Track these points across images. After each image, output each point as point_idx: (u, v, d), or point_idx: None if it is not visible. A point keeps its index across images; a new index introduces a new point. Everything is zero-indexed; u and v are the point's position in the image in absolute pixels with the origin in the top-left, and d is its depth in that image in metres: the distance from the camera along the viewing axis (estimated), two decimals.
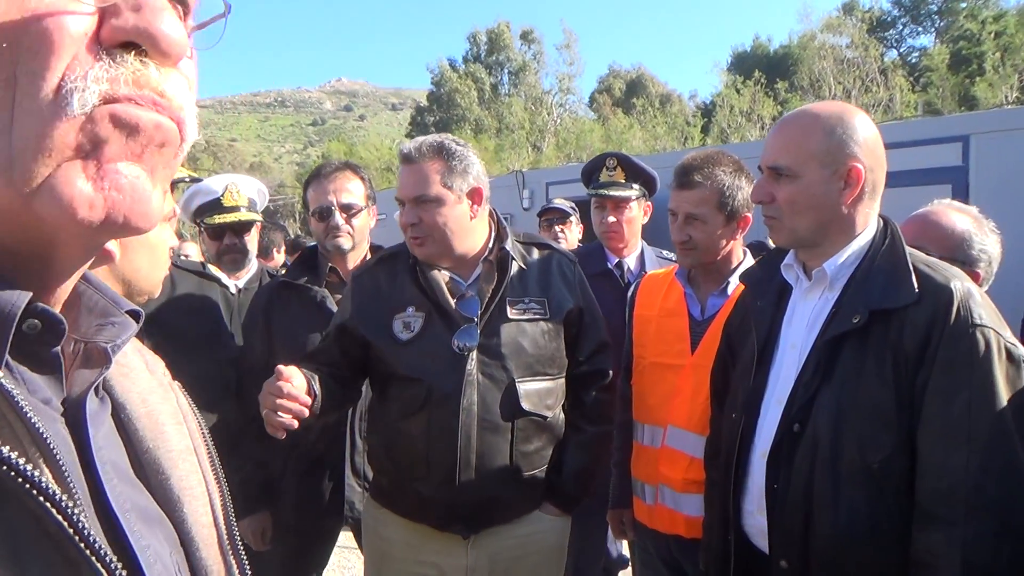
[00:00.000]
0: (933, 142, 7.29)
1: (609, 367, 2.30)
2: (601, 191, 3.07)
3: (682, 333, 2.34)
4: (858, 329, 1.57)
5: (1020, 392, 1.47)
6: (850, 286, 1.65)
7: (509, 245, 2.16)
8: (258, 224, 2.99)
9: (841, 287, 1.68)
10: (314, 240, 2.79)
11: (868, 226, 1.70)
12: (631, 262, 3.11)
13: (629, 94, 49.64)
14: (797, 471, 1.61)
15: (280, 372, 1.79)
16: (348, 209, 2.62)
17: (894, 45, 42.72)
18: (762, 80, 31.72)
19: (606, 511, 2.68)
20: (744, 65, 39.98)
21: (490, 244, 2.20)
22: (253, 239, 2.97)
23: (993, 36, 28.76)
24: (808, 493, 1.59)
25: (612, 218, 3.04)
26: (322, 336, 2.24)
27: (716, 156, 2.31)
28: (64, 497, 0.47)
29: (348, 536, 2.83)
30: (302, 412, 1.79)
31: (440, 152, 2.08)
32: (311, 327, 2.48)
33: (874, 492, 1.53)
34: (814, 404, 1.61)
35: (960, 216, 2.19)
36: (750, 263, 2.25)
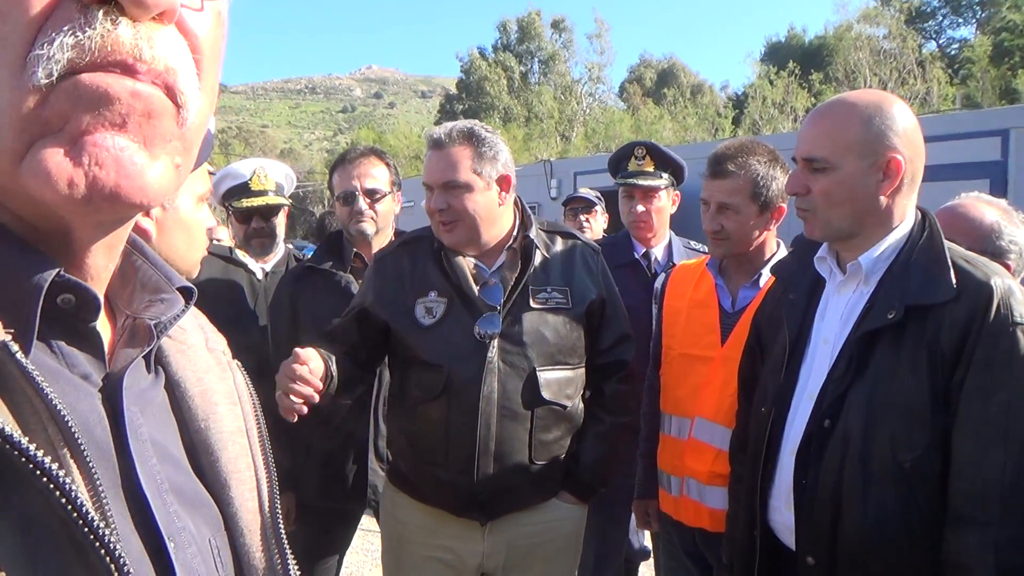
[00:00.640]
0: (971, 136, 7.14)
1: (629, 358, 2.28)
2: (629, 180, 3.03)
3: (712, 325, 2.31)
4: (893, 325, 1.54)
5: None
6: (886, 280, 1.62)
7: (533, 234, 2.15)
8: (286, 208, 3.01)
9: (876, 281, 1.64)
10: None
11: (906, 219, 1.66)
12: (658, 252, 3.08)
13: (660, 84, 49.19)
14: (826, 467, 1.59)
15: (298, 355, 1.80)
16: (372, 194, 2.63)
17: (933, 36, 41.75)
18: (796, 71, 31.25)
19: (629, 502, 2.67)
20: (778, 56, 39.40)
21: (515, 232, 2.19)
22: (281, 223, 2.99)
23: None
24: (837, 490, 1.56)
25: (640, 207, 3.00)
26: (342, 315, 2.25)
27: (751, 145, 2.27)
28: (69, 480, 0.45)
29: (371, 519, 2.85)
30: (313, 397, 1.79)
31: (470, 138, 2.08)
32: (336, 311, 2.48)
33: (904, 491, 1.50)
34: (845, 400, 1.58)
35: (989, 208, 2.17)
36: (784, 255, 2.22)
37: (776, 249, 2.33)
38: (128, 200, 0.49)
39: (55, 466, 0.45)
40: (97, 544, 0.46)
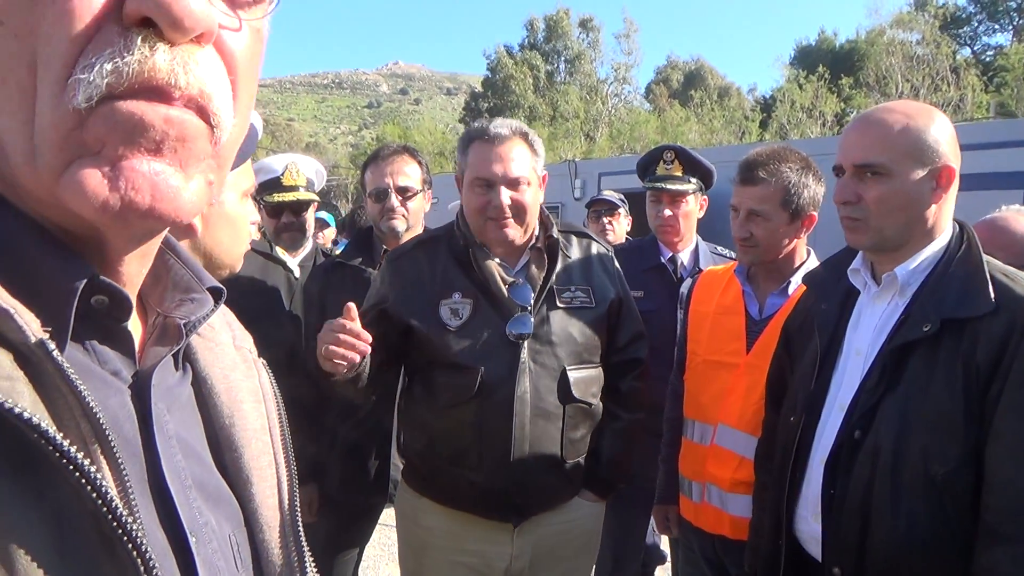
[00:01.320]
0: (1005, 145, 7.01)
1: (644, 356, 2.30)
2: (658, 184, 3.02)
3: (738, 331, 2.29)
4: (928, 337, 1.52)
5: None
6: (921, 293, 1.60)
7: (556, 233, 2.17)
8: (314, 204, 3.04)
9: (912, 293, 1.62)
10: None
11: (944, 231, 1.64)
12: (685, 257, 3.06)
13: (687, 86, 48.92)
14: (856, 478, 1.57)
15: (350, 309, 1.79)
16: (404, 192, 2.66)
17: (967, 43, 41.13)
18: (826, 75, 30.89)
19: (649, 504, 2.66)
20: (808, 60, 38.96)
21: (536, 231, 2.19)
22: (311, 218, 3.02)
23: None
24: (866, 501, 1.55)
25: (668, 212, 2.99)
26: (360, 314, 2.26)
27: (783, 152, 2.25)
28: (99, 476, 0.47)
29: (390, 514, 2.87)
30: (365, 350, 1.80)
31: (526, 136, 2.11)
32: None
33: (935, 504, 1.49)
34: (877, 412, 1.57)
35: None
36: (814, 263, 2.19)
37: (806, 257, 2.31)
38: (166, 219, 0.51)
39: (87, 461, 0.46)
40: (125, 538, 0.48)
